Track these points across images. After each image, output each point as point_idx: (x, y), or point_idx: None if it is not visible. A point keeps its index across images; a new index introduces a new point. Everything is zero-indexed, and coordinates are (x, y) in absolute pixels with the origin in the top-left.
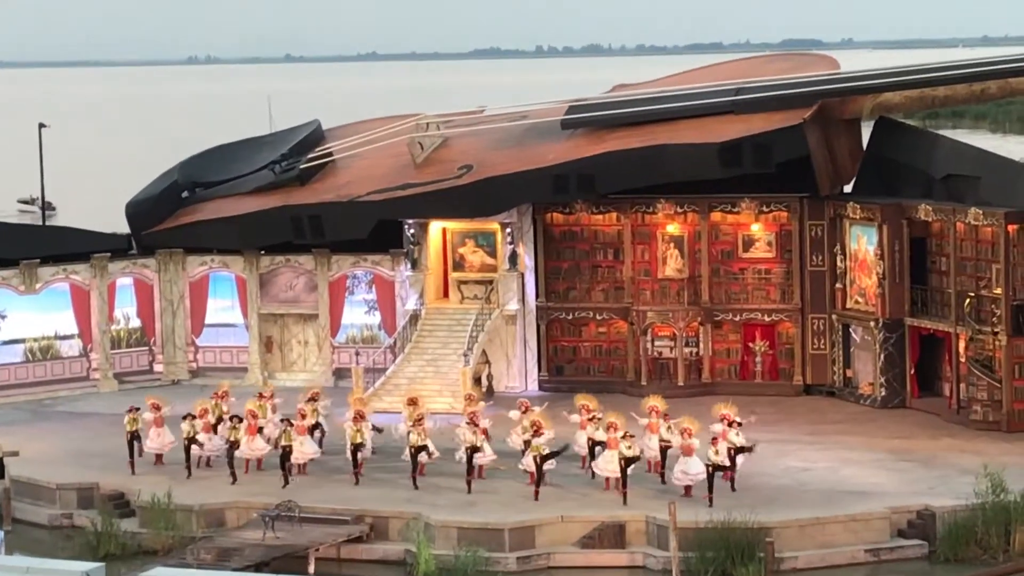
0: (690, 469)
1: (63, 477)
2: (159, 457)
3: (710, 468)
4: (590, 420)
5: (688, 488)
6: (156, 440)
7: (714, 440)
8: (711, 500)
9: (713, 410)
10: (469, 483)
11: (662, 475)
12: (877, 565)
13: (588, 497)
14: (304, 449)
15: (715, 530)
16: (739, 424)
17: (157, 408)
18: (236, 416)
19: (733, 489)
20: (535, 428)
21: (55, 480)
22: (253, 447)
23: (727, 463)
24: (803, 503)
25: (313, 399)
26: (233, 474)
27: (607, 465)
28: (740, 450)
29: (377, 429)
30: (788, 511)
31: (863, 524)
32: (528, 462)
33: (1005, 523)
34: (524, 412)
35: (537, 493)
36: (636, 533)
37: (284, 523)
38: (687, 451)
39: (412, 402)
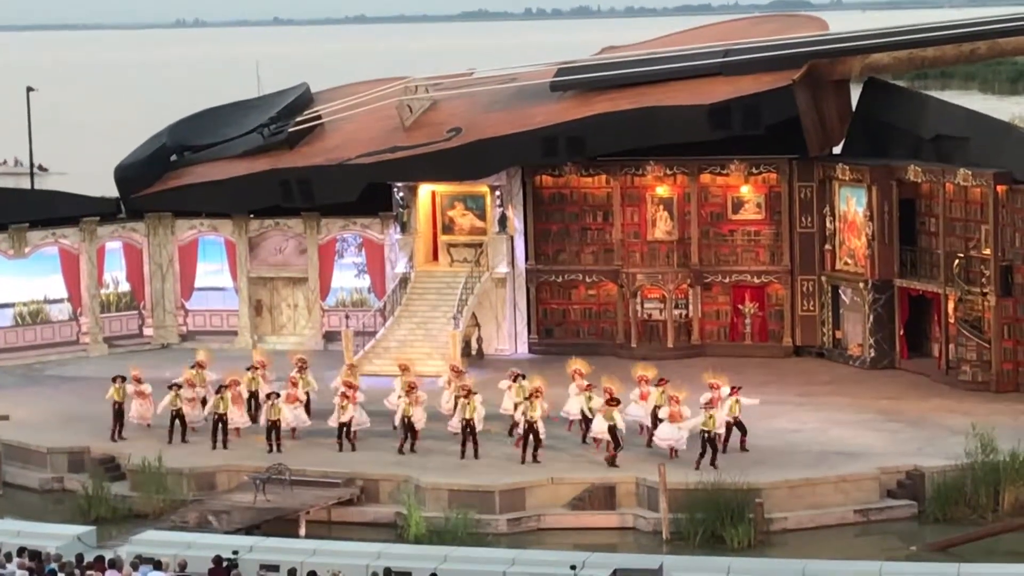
0: (673, 435)
1: (54, 441)
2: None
3: (706, 434)
4: (586, 388)
5: (672, 450)
6: (139, 410)
7: (710, 403)
8: (715, 463)
9: (704, 377)
10: (475, 451)
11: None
12: (867, 525)
13: (578, 459)
14: (290, 416)
15: (705, 491)
16: (738, 389)
17: (139, 381)
18: (222, 386)
19: (745, 450)
20: (535, 392)
21: (46, 444)
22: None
23: (722, 430)
24: (793, 464)
25: (302, 367)
26: (215, 442)
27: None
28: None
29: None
30: (778, 472)
31: (853, 485)
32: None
33: (994, 483)
34: (514, 380)
35: (535, 455)
36: (626, 495)
37: (274, 486)
38: (674, 418)
39: (404, 369)
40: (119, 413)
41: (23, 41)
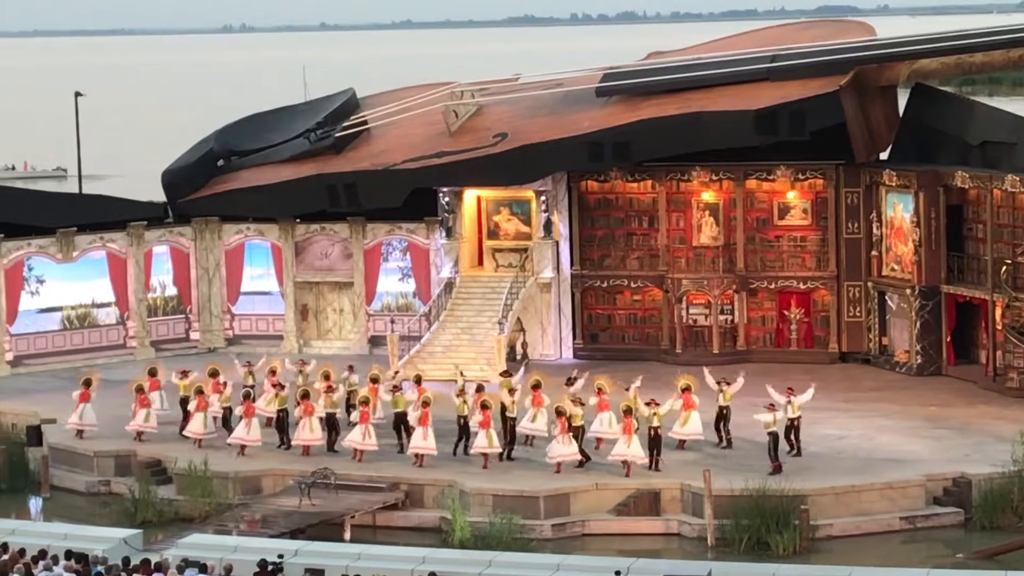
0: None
1: (100, 445)
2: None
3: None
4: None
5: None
6: (85, 415)
7: (770, 407)
8: (778, 467)
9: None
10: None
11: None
12: (913, 533)
13: (622, 465)
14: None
15: (750, 498)
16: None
17: (88, 384)
18: (279, 384)
19: (799, 454)
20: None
21: (93, 448)
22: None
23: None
24: (838, 471)
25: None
26: (285, 441)
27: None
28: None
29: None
30: (823, 479)
31: (899, 492)
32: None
33: None
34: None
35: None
36: (671, 500)
37: (320, 490)
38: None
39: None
40: (185, 409)
41: (72, 46)
